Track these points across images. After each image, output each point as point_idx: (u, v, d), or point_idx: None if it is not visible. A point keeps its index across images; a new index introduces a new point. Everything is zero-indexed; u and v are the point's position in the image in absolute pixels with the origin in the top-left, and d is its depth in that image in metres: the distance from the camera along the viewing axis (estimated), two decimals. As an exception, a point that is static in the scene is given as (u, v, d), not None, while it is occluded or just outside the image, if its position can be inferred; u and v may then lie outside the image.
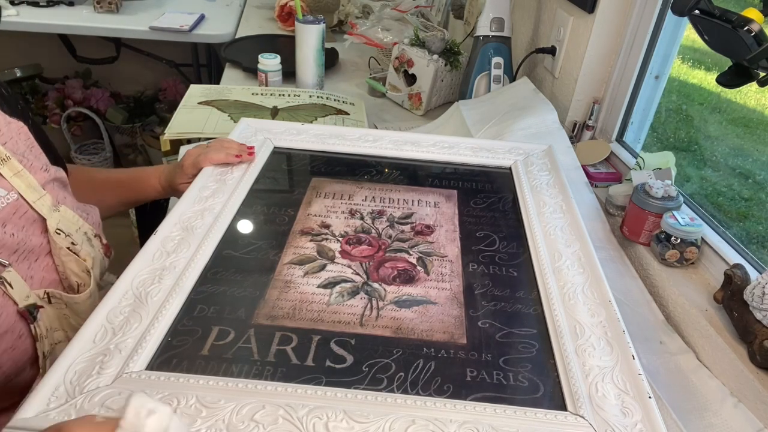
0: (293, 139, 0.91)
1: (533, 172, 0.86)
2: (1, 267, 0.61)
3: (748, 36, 0.61)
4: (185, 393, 0.48)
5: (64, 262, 0.68)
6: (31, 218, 0.65)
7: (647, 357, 0.71)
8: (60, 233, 0.67)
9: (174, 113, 1.10)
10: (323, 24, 1.30)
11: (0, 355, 0.61)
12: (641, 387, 0.51)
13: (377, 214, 0.76)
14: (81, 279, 0.70)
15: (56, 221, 0.67)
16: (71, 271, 0.69)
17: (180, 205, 0.71)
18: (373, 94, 1.43)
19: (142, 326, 0.54)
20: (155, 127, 2.54)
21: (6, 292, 0.60)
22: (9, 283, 0.61)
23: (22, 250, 0.64)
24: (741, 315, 0.68)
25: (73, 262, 0.69)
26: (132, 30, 1.88)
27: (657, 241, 0.82)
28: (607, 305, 0.60)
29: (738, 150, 1.14)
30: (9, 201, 0.63)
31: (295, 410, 0.46)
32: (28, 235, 0.65)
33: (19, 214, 0.64)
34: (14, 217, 0.63)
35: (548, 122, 1.05)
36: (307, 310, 0.59)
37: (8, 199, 0.62)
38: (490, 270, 0.68)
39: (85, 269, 0.70)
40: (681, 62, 1.23)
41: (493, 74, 1.23)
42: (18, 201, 0.64)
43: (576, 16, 1.11)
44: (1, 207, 0.61)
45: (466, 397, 0.50)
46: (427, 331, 0.58)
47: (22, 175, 0.64)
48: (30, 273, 0.65)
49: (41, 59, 2.45)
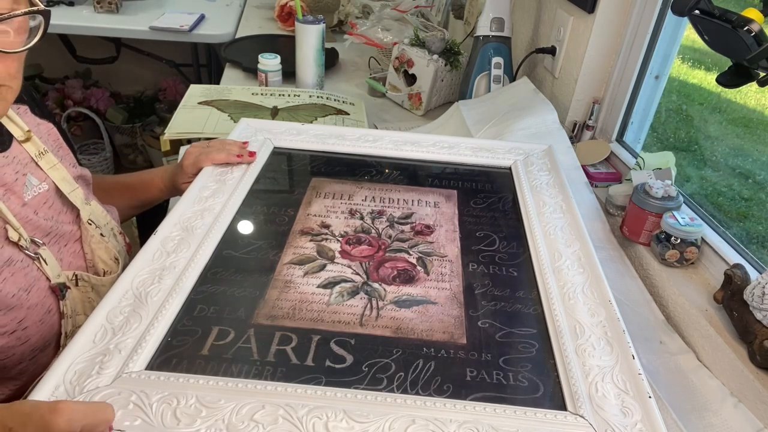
0: (293, 139, 0.91)
1: (533, 172, 0.86)
2: (35, 246, 0.65)
3: (748, 36, 0.61)
4: (185, 393, 0.48)
5: (93, 250, 0.73)
6: (62, 208, 0.71)
7: (647, 357, 0.71)
8: (92, 223, 0.73)
9: (174, 113, 1.10)
10: (323, 24, 1.30)
11: (30, 326, 0.64)
12: (641, 387, 0.51)
13: (377, 214, 0.76)
14: (108, 267, 0.74)
15: (88, 213, 0.73)
16: (99, 258, 0.73)
17: (180, 205, 0.71)
18: (373, 94, 1.43)
19: (142, 326, 0.54)
20: (155, 127, 2.54)
21: (40, 267, 0.65)
22: (44, 259, 0.65)
23: (54, 233, 0.69)
24: (741, 315, 0.68)
25: (103, 250, 0.74)
26: (132, 30, 1.88)
27: (657, 241, 0.82)
28: (607, 305, 0.60)
29: (738, 150, 1.14)
30: (41, 191, 0.68)
31: (295, 410, 0.46)
32: (60, 222, 0.70)
33: (49, 204, 0.69)
34: (44, 206, 0.68)
35: (548, 122, 1.05)
36: (307, 310, 0.59)
37: (40, 189, 0.68)
38: (490, 270, 0.67)
39: (114, 257, 0.75)
40: (681, 62, 1.23)
41: (493, 74, 1.23)
42: (49, 192, 0.69)
43: (576, 16, 1.11)
44: (33, 195, 0.66)
45: (465, 397, 0.50)
46: (426, 331, 0.58)
47: (58, 168, 0.70)
48: (60, 256, 0.69)
49: (41, 59, 2.45)
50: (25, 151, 0.67)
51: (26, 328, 0.64)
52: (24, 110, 0.70)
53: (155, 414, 0.46)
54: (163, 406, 0.46)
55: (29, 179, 0.66)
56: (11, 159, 0.65)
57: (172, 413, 0.46)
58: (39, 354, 0.68)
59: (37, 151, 0.68)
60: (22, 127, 0.68)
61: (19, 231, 0.62)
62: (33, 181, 0.67)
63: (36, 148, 0.68)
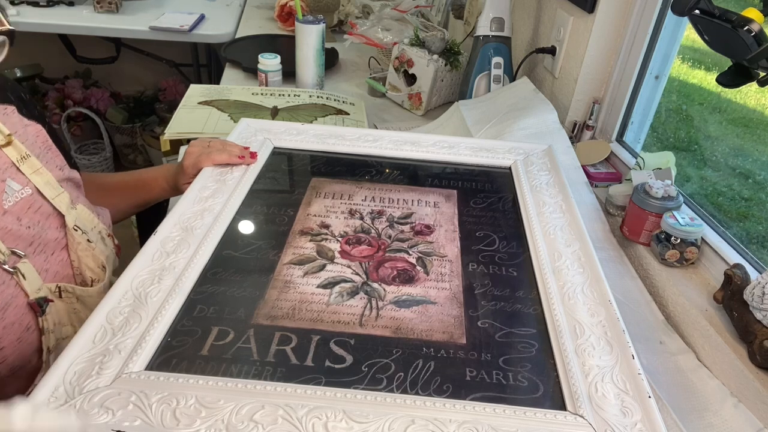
0: (293, 139, 0.91)
1: (533, 171, 0.86)
2: (16, 258, 0.62)
3: (748, 36, 0.61)
4: (185, 393, 0.48)
5: (80, 257, 0.70)
6: (47, 213, 0.68)
7: (647, 357, 0.71)
8: (77, 230, 0.70)
9: (174, 113, 1.10)
10: (323, 24, 1.30)
11: (6, 346, 0.62)
12: (641, 387, 0.51)
13: (377, 214, 0.76)
14: (95, 274, 0.72)
15: (74, 218, 0.70)
16: (86, 266, 0.71)
17: (180, 205, 0.71)
18: (373, 94, 1.43)
19: (141, 326, 0.54)
20: (155, 127, 2.54)
21: (19, 283, 0.62)
22: (23, 274, 0.62)
23: (38, 242, 0.66)
24: (741, 315, 0.68)
25: (90, 258, 0.71)
26: (132, 30, 1.88)
27: (657, 241, 0.82)
28: (607, 305, 0.60)
29: (738, 150, 1.14)
30: (23, 196, 0.65)
31: (295, 410, 0.46)
32: (44, 228, 0.67)
33: (34, 209, 0.66)
34: (29, 211, 0.65)
35: (548, 122, 1.05)
36: (306, 310, 0.59)
37: (22, 194, 0.65)
38: (489, 270, 0.67)
39: (101, 264, 0.72)
40: (681, 62, 1.23)
41: (493, 74, 1.23)
42: (33, 196, 0.66)
43: (576, 16, 1.11)
44: (15, 201, 0.64)
45: (465, 397, 0.50)
46: (426, 331, 0.58)
47: (41, 172, 0.67)
48: (45, 266, 0.66)
49: (41, 59, 2.45)
50: (5, 156, 0.64)
51: (2, 348, 0.61)
52: (11, 110, 0.68)
53: (155, 414, 0.46)
54: (162, 406, 0.46)
55: (9, 184, 0.64)
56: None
57: (171, 413, 0.46)
58: (19, 370, 0.65)
59: (18, 155, 0.66)
60: (3, 131, 0.65)
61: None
62: (14, 186, 0.64)
63: (17, 153, 0.66)
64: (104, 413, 0.45)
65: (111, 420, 0.45)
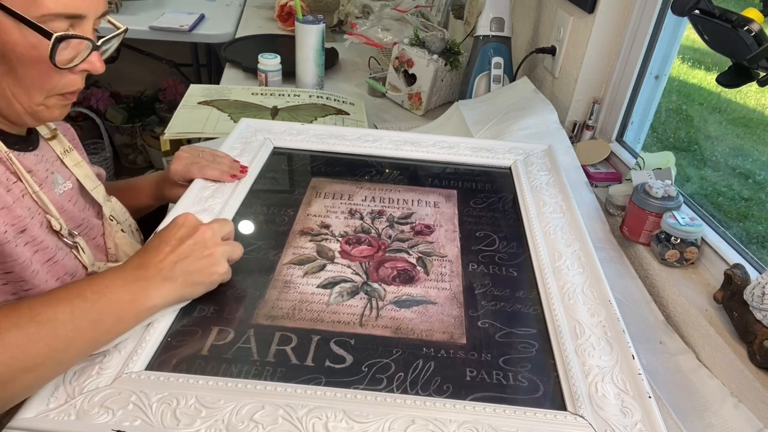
0: (293, 139, 0.91)
1: (533, 171, 0.86)
2: (71, 236, 0.66)
3: (748, 36, 0.61)
4: (185, 393, 0.48)
5: (117, 245, 0.74)
6: (86, 205, 0.72)
7: (647, 357, 0.71)
8: (113, 219, 0.74)
9: (174, 113, 1.10)
10: (323, 24, 1.30)
11: None
12: (641, 387, 0.51)
13: (377, 214, 0.76)
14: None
15: (110, 209, 0.74)
16: (123, 252, 0.74)
17: (180, 205, 0.71)
18: (373, 94, 1.43)
19: (141, 326, 0.54)
20: (155, 127, 2.54)
21: (78, 256, 0.66)
22: (82, 248, 0.66)
23: (85, 226, 0.70)
24: (741, 315, 0.68)
25: (128, 245, 0.75)
26: (132, 30, 1.86)
27: (657, 241, 0.82)
28: (607, 305, 0.60)
29: (738, 150, 1.14)
30: (66, 189, 0.68)
31: (295, 410, 0.46)
32: (87, 216, 0.71)
33: (74, 201, 0.69)
34: (69, 203, 0.69)
35: (548, 122, 1.05)
36: (306, 310, 0.59)
37: (65, 187, 0.68)
38: (489, 270, 0.67)
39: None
40: (681, 62, 1.24)
41: (493, 74, 1.23)
42: (73, 190, 0.70)
43: (576, 16, 1.11)
44: (61, 193, 0.67)
45: (465, 397, 0.50)
46: (426, 331, 0.58)
47: (82, 165, 0.72)
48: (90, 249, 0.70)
49: (41, 59, 2.44)
50: (52, 150, 0.69)
51: None
52: None
53: (155, 414, 0.46)
54: (162, 406, 0.46)
55: (56, 177, 0.67)
56: (41, 157, 0.66)
57: (171, 413, 0.46)
58: None
59: (62, 148, 0.70)
60: (49, 125, 0.69)
61: (59, 221, 0.63)
62: (59, 179, 0.68)
63: (61, 146, 0.70)
64: (104, 413, 0.45)
65: (111, 420, 0.45)
